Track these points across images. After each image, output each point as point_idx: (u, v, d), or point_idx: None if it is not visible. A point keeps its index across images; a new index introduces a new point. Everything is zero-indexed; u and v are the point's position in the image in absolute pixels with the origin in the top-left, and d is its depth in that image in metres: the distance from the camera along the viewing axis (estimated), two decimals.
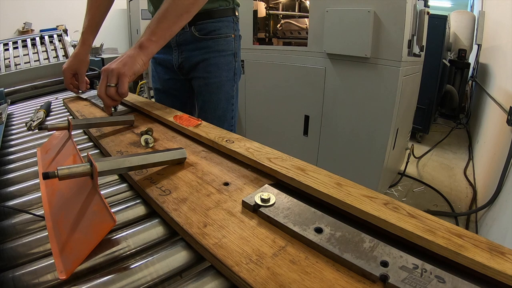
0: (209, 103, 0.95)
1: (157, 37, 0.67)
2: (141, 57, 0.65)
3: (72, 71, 0.91)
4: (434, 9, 2.62)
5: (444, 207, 1.90)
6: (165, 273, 0.31)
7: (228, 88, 0.96)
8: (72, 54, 0.91)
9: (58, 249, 0.32)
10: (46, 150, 0.55)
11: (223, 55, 0.93)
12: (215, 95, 0.95)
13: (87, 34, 0.90)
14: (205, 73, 0.93)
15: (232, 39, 0.95)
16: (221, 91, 0.95)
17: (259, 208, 0.36)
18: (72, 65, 0.90)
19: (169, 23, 0.69)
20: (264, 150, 0.49)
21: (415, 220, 0.31)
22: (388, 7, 1.44)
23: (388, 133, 1.57)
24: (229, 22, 0.94)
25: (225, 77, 0.94)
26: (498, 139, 1.84)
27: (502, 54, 2.41)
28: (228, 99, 0.97)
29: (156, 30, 0.67)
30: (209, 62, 0.92)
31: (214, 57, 0.92)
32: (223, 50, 0.93)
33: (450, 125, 3.53)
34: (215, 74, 0.93)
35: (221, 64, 0.93)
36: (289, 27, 2.04)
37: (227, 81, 0.95)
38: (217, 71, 0.93)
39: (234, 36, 0.95)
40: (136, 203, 0.41)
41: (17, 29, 4.11)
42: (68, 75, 0.91)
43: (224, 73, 0.94)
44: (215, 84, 0.94)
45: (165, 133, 0.63)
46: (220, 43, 0.92)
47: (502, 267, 0.25)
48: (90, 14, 0.90)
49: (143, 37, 0.67)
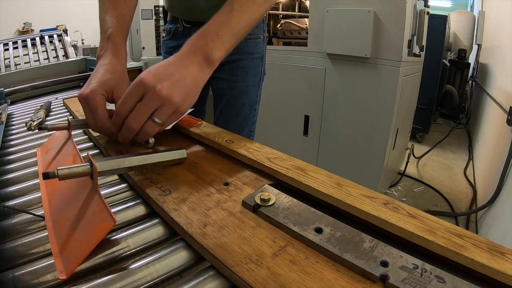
0: (231, 108, 0.89)
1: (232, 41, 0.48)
2: (204, 79, 0.46)
3: (107, 92, 0.50)
4: (434, 9, 2.62)
5: (444, 207, 1.91)
6: (165, 273, 0.31)
7: (253, 93, 0.90)
8: (102, 69, 0.51)
9: (58, 249, 0.32)
10: (46, 150, 0.55)
11: (251, 58, 0.86)
12: (238, 100, 0.88)
13: (118, 37, 0.56)
14: (231, 75, 0.86)
15: (261, 41, 0.88)
16: (246, 96, 0.88)
17: (259, 208, 0.36)
18: (108, 83, 0.50)
19: (251, 14, 0.49)
20: (264, 150, 0.49)
21: (415, 220, 0.31)
22: (388, 7, 1.44)
23: (388, 133, 1.57)
24: (259, 22, 0.85)
25: (251, 82, 0.88)
26: (498, 139, 1.84)
27: (502, 54, 2.41)
28: (251, 104, 0.90)
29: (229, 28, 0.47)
30: (237, 64, 0.85)
31: (242, 60, 0.85)
32: (252, 52, 0.86)
33: (450, 125, 3.53)
34: (242, 78, 0.86)
35: (249, 67, 0.87)
36: (289, 27, 2.04)
37: (253, 86, 0.89)
38: (244, 75, 0.86)
39: (263, 38, 0.88)
40: (136, 203, 0.41)
41: (17, 29, 4.11)
42: (101, 102, 0.48)
43: (251, 77, 0.88)
44: (240, 88, 0.87)
45: (165, 133, 0.63)
46: (249, 44, 0.85)
47: (502, 267, 0.25)
48: (117, 10, 0.58)
49: (211, 43, 0.46)
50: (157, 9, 5.27)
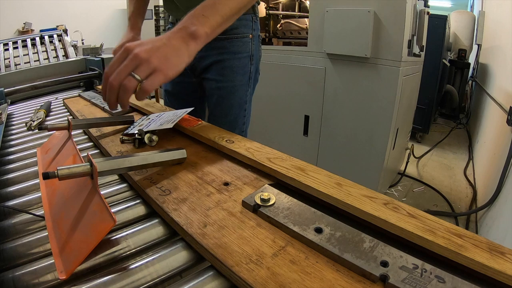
0: (220, 108, 0.90)
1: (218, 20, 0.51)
2: (189, 52, 0.49)
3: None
4: (434, 9, 2.62)
5: (444, 207, 1.90)
6: (165, 273, 0.31)
7: (242, 93, 0.90)
8: (123, 39, 0.78)
9: (58, 249, 0.32)
10: (46, 150, 0.55)
11: (238, 57, 0.87)
12: (227, 100, 0.88)
13: (134, 18, 0.83)
14: (218, 75, 0.87)
15: (249, 40, 0.88)
16: (234, 96, 0.88)
17: (259, 208, 0.36)
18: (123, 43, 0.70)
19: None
20: (264, 150, 0.49)
21: (415, 220, 0.31)
22: (388, 7, 1.44)
23: (388, 133, 1.57)
24: (247, 21, 0.87)
25: (239, 82, 0.88)
26: (498, 139, 1.84)
27: (502, 54, 2.41)
28: (240, 104, 0.91)
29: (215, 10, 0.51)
30: (224, 64, 0.86)
31: (229, 59, 0.86)
32: (239, 51, 0.86)
33: (450, 125, 3.53)
34: (229, 78, 0.87)
35: (236, 67, 0.87)
36: (289, 27, 2.05)
37: (241, 86, 0.89)
38: (231, 75, 0.87)
39: (251, 37, 0.88)
40: (136, 203, 0.41)
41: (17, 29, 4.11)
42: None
43: (239, 77, 0.88)
44: (228, 88, 0.87)
45: (165, 133, 0.63)
46: (236, 44, 0.85)
47: (502, 267, 0.25)
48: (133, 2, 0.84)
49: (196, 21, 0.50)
50: (157, 9, 5.27)
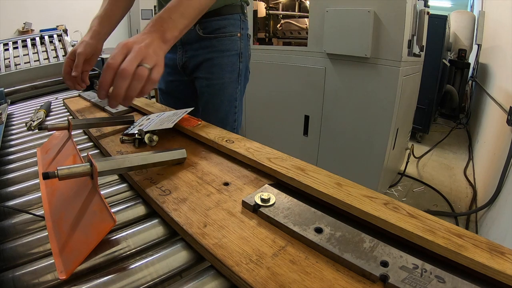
0: (211, 105, 0.93)
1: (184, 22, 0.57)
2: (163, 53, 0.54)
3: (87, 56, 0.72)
4: (434, 9, 2.62)
5: (444, 207, 1.90)
6: (165, 273, 0.31)
7: (231, 90, 0.93)
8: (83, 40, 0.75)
9: (58, 249, 0.32)
10: (46, 150, 0.55)
11: (226, 55, 0.90)
12: (217, 97, 0.92)
13: (98, 24, 0.79)
14: (208, 73, 0.90)
15: (237, 38, 0.91)
16: (223, 93, 0.92)
17: (259, 208, 0.36)
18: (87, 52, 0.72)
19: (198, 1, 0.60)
20: (264, 150, 0.49)
21: (415, 220, 0.31)
22: (388, 7, 1.44)
23: (388, 133, 1.57)
24: (235, 20, 0.90)
25: (228, 79, 0.91)
26: (498, 139, 1.84)
27: (502, 54, 2.41)
28: (230, 101, 0.94)
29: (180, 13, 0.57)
30: (212, 62, 0.89)
31: (217, 57, 0.89)
32: (227, 50, 0.89)
33: (450, 125, 3.53)
34: (218, 76, 0.90)
35: (224, 64, 0.90)
36: (289, 27, 2.05)
37: (230, 83, 0.92)
38: (220, 72, 0.90)
39: (240, 35, 0.91)
40: (136, 203, 0.41)
41: (17, 29, 4.11)
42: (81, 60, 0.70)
43: (227, 74, 0.91)
44: (217, 85, 0.91)
45: (165, 133, 0.63)
46: (224, 42, 0.89)
47: (502, 267, 0.25)
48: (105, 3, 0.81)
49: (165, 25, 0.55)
50: (157, 9, 5.28)
